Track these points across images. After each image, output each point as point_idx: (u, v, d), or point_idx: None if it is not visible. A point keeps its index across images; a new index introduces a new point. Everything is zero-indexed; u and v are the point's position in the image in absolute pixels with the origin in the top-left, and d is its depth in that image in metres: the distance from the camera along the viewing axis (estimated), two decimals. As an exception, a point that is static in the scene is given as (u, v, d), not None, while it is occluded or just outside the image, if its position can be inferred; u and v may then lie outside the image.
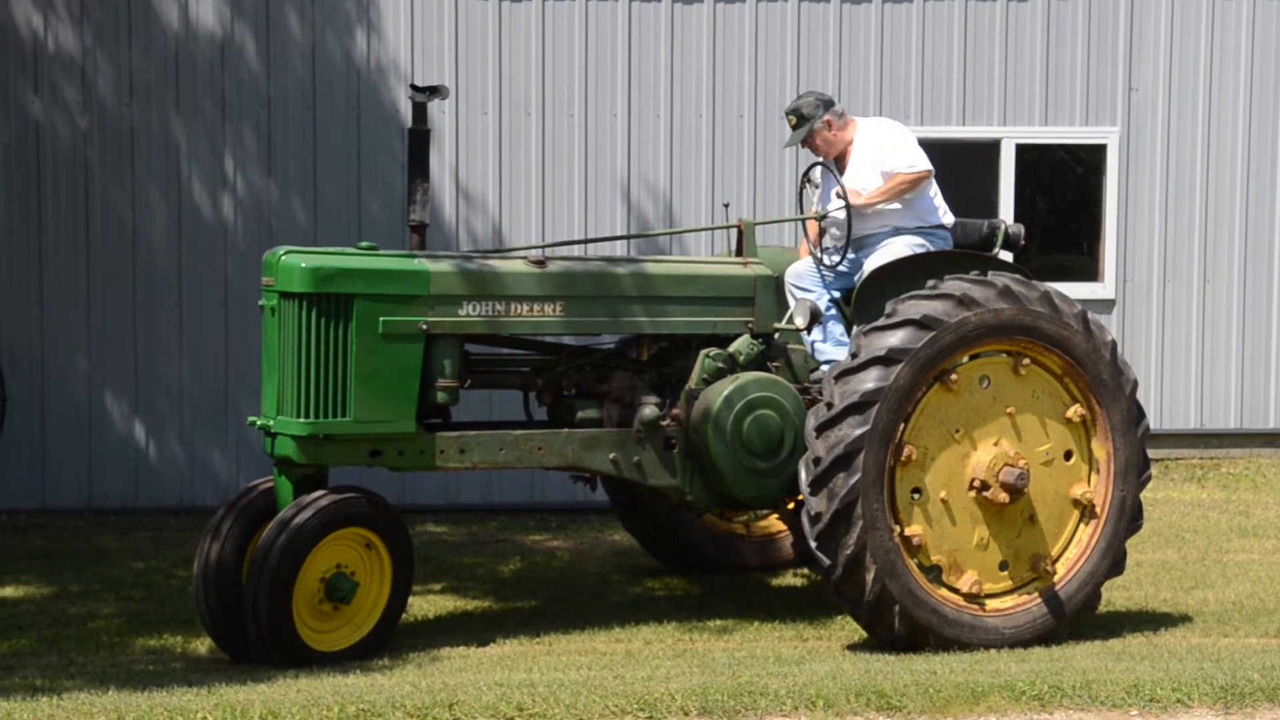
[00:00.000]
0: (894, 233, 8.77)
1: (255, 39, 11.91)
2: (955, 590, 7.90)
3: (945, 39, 12.49)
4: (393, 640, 7.96)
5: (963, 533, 7.93)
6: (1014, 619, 7.98)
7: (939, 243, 8.83)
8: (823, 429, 7.70)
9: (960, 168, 12.03)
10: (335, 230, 11.69)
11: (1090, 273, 12.86)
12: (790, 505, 8.62)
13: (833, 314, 8.82)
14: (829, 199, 8.92)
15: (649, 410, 8.25)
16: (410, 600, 8.32)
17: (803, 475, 7.78)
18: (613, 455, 8.26)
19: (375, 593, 7.87)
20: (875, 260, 8.63)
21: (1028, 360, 8.01)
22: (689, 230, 11.72)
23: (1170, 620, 8.57)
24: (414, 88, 8.11)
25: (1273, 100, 12.87)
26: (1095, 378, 8.07)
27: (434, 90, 8.10)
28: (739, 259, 8.77)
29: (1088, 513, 8.15)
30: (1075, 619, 8.13)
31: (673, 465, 8.35)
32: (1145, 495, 8.34)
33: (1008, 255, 9.25)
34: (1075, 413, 8.10)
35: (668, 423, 8.33)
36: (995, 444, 7.94)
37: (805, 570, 9.84)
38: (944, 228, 8.89)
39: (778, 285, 8.82)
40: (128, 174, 11.85)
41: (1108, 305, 12.69)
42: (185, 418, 11.88)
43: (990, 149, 12.59)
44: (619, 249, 11.74)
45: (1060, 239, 13.23)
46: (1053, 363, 8.06)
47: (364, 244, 8.11)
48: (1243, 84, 12.84)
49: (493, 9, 12.11)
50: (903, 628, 7.73)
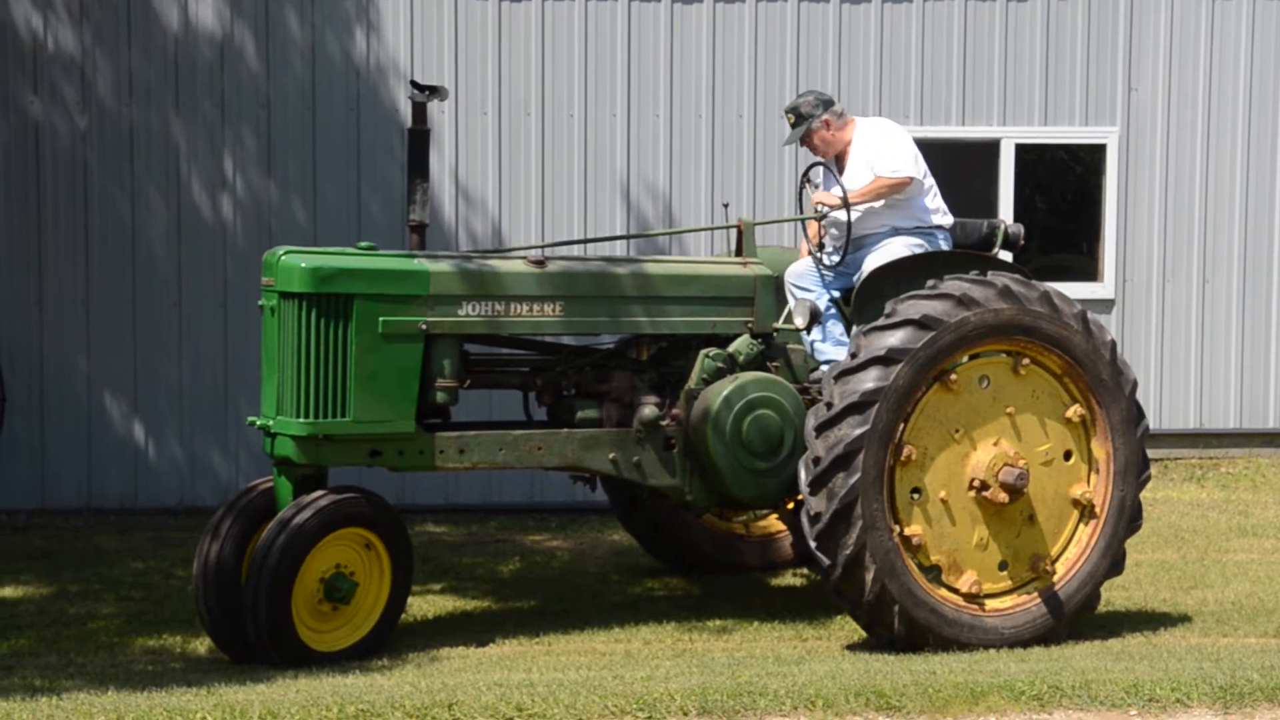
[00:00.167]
0: (892, 233, 8.77)
1: (255, 39, 11.90)
2: (955, 590, 7.90)
3: (945, 39, 12.49)
4: (392, 640, 7.95)
5: (962, 533, 7.92)
6: (1013, 619, 7.98)
7: (938, 243, 8.83)
8: (822, 429, 7.70)
9: (960, 167, 12.04)
10: (335, 230, 11.68)
11: (1090, 273, 12.85)
12: (790, 505, 8.62)
13: (832, 314, 8.82)
14: (829, 199, 8.93)
15: (648, 410, 8.25)
16: (410, 600, 8.32)
17: (802, 475, 7.78)
18: (612, 455, 8.26)
19: (375, 593, 7.87)
20: (875, 260, 8.63)
21: (1027, 360, 8.00)
22: (689, 230, 11.71)
23: (1169, 620, 8.57)
24: (414, 85, 8.10)
25: (1273, 100, 12.87)
26: (1095, 378, 8.07)
27: (434, 91, 8.10)
28: (738, 259, 8.77)
29: (1087, 513, 8.15)
30: (1075, 619, 8.13)
31: (672, 465, 8.35)
32: (1145, 495, 8.34)
33: (1007, 255, 9.25)
34: (1075, 413, 8.10)
35: (667, 423, 8.33)
36: (995, 444, 7.93)
37: (805, 570, 9.84)
38: (943, 228, 8.89)
39: (777, 285, 8.81)
40: (127, 174, 11.84)
41: (1107, 305, 12.69)
42: (185, 418, 11.87)
43: (990, 149, 12.59)
44: (619, 249, 11.74)
45: (1060, 239, 13.22)
46: (1052, 363, 8.06)
47: (364, 244, 8.10)
48: (1242, 84, 12.83)
49: (493, 9, 12.11)
50: (902, 628, 7.73)
